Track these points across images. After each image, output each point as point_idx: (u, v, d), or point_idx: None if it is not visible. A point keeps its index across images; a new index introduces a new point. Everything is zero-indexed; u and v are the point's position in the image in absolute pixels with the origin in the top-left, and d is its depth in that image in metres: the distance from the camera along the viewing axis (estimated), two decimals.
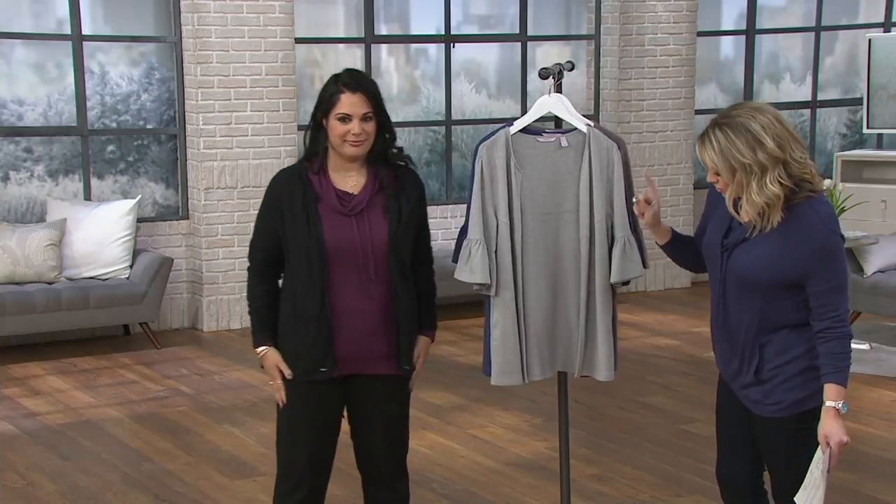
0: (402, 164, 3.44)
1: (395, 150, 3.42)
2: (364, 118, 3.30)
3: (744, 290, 3.14)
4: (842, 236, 3.11)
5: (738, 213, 3.13)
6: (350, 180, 3.37)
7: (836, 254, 3.08)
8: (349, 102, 3.28)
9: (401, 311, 3.37)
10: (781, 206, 3.03)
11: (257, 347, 3.43)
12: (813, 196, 3.06)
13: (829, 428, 3.07)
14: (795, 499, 3.13)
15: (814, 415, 3.13)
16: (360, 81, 3.32)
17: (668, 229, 3.41)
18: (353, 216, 3.33)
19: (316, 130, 3.36)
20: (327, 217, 3.32)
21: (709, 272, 3.29)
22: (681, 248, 3.42)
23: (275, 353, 3.40)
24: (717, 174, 3.07)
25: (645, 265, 3.59)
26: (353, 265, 3.32)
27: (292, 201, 3.33)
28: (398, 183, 3.39)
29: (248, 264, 3.49)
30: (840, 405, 3.07)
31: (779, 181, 2.99)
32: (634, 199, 3.38)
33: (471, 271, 3.58)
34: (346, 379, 3.41)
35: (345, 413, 3.49)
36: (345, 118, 3.28)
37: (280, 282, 3.46)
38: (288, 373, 3.38)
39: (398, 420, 3.48)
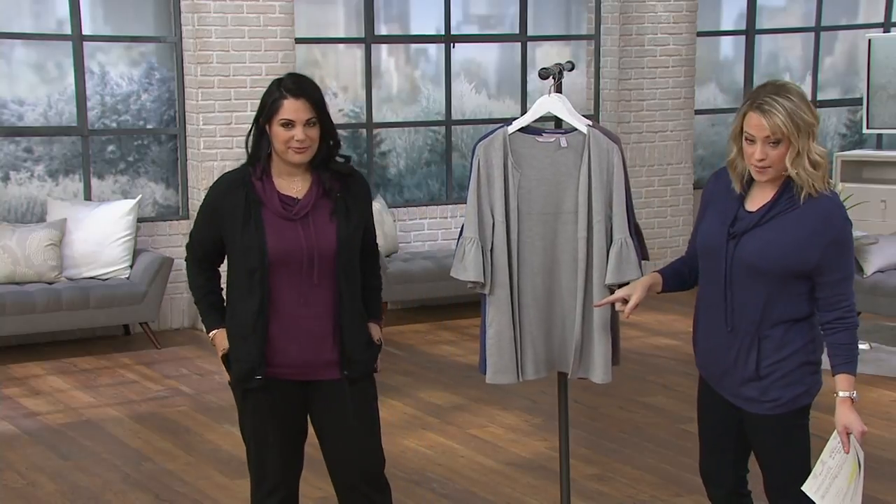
0: (346, 172, 3.37)
1: (340, 159, 3.36)
2: (308, 124, 3.24)
3: (750, 279, 3.12)
4: (852, 227, 3.15)
5: (745, 191, 3.17)
6: (294, 185, 3.32)
7: (850, 244, 3.12)
8: (292, 108, 3.22)
9: (345, 317, 3.33)
10: (821, 180, 3.07)
11: (209, 331, 3.41)
12: (828, 189, 3.11)
13: (848, 418, 3.07)
14: (804, 487, 3.12)
15: (808, 411, 3.14)
16: (302, 87, 3.26)
17: (657, 280, 3.39)
18: (297, 221, 3.28)
19: (259, 135, 3.31)
20: (270, 222, 3.27)
21: (705, 267, 3.26)
22: (677, 281, 3.42)
23: (222, 334, 3.37)
24: (777, 141, 3.03)
25: (642, 271, 3.57)
26: (296, 271, 3.27)
27: (234, 206, 3.29)
28: (344, 186, 3.35)
29: (185, 255, 3.48)
30: (853, 394, 3.08)
31: (820, 146, 3.09)
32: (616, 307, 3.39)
33: (464, 269, 3.58)
34: (303, 385, 3.37)
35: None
36: (288, 124, 3.23)
37: (220, 270, 3.47)
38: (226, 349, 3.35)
39: (360, 426, 3.39)
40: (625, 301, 3.35)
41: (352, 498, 3.46)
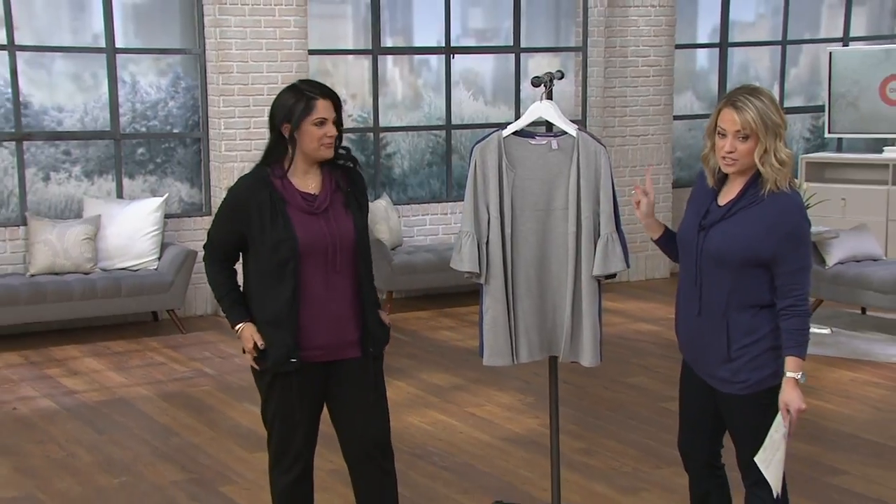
0: (351, 164, 3.38)
1: (342, 151, 3.36)
2: (334, 122, 3.26)
3: (717, 268, 3.12)
4: (809, 224, 3.12)
5: (718, 187, 3.16)
6: (309, 182, 3.31)
7: (805, 239, 3.10)
8: (324, 107, 3.24)
9: (365, 299, 3.34)
10: (785, 178, 3.06)
11: (235, 325, 3.35)
12: (790, 188, 3.09)
13: (789, 396, 3.07)
14: (755, 459, 3.14)
15: (776, 392, 3.12)
16: (325, 89, 3.28)
17: (661, 224, 3.38)
18: (318, 214, 3.28)
19: (278, 139, 3.29)
20: (296, 217, 3.26)
21: (682, 257, 3.26)
22: (672, 242, 3.39)
23: (251, 327, 3.32)
24: (746, 136, 3.04)
25: (627, 264, 3.55)
26: (321, 260, 3.26)
27: (259, 205, 3.25)
28: (349, 181, 3.36)
29: (203, 256, 3.43)
30: (799, 376, 3.07)
31: (786, 146, 3.08)
32: (634, 191, 3.33)
33: (461, 261, 3.56)
34: (324, 366, 3.35)
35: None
36: (322, 122, 3.23)
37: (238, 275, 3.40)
38: (261, 343, 3.29)
39: (375, 399, 3.40)
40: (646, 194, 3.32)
41: (366, 466, 3.45)
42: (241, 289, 3.39)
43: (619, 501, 4.43)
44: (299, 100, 3.23)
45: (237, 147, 7.79)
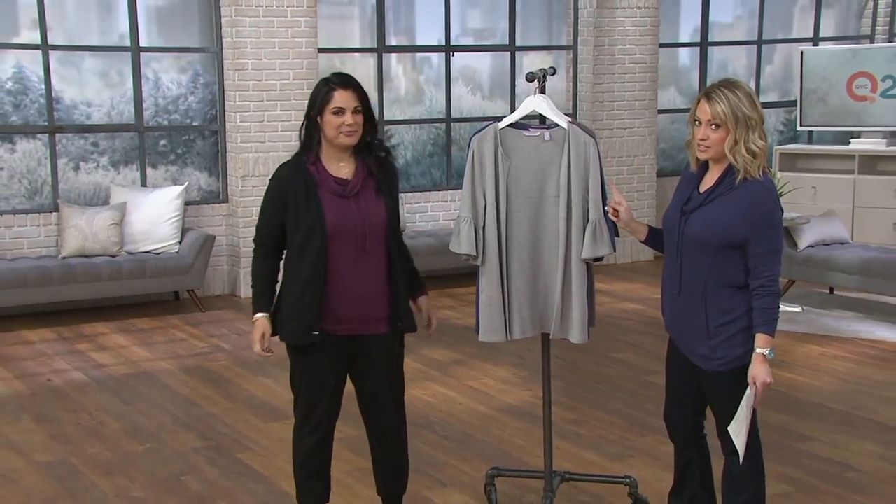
0: (383, 154, 3.34)
1: (377, 141, 3.33)
2: (355, 111, 3.22)
3: (697, 250, 3.10)
4: (781, 210, 3.09)
5: (700, 174, 3.16)
6: (343, 168, 3.28)
7: (776, 223, 3.06)
8: (342, 98, 3.20)
9: (396, 279, 3.31)
10: (757, 168, 3.03)
11: (255, 314, 3.33)
12: (763, 175, 3.07)
13: (757, 370, 3.05)
14: (728, 428, 3.14)
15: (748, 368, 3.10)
16: (348, 80, 3.25)
17: (645, 225, 3.37)
18: (350, 198, 3.24)
19: (310, 127, 3.26)
20: (328, 200, 3.23)
21: (666, 241, 3.23)
22: (658, 239, 3.35)
23: (266, 321, 3.31)
24: (717, 126, 3.02)
25: (613, 248, 3.50)
26: (350, 241, 3.23)
27: (296, 189, 3.23)
28: (383, 169, 3.32)
29: (254, 246, 3.37)
30: (767, 352, 3.05)
31: (761, 139, 3.04)
32: (606, 207, 3.32)
33: (459, 243, 3.52)
34: (350, 339, 3.32)
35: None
36: (339, 111, 3.20)
37: (282, 262, 3.36)
38: (268, 340, 3.30)
39: (396, 373, 3.40)
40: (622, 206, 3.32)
41: (389, 435, 3.45)
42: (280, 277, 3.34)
43: (607, 467, 4.40)
44: (321, 90, 3.23)
45: (252, 139, 7.75)
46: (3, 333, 6.80)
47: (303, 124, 3.28)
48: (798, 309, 7.18)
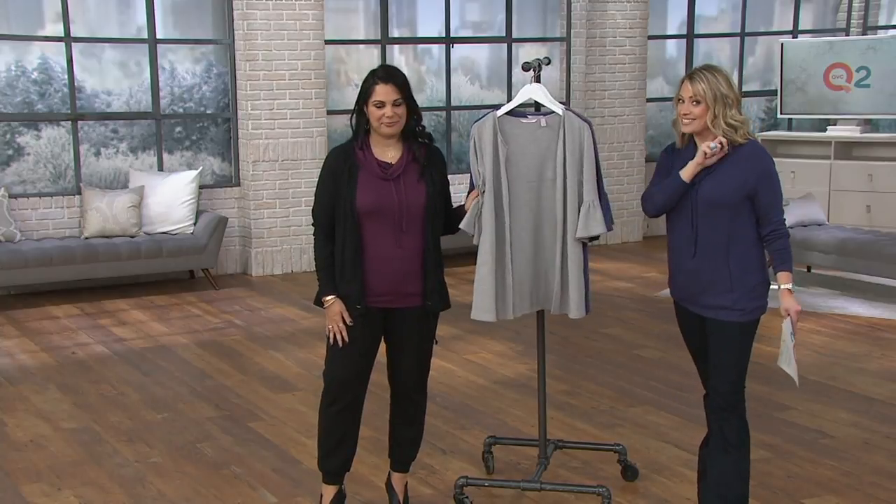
0: (427, 141, 3.34)
1: (420, 129, 3.33)
2: (395, 104, 3.22)
3: (714, 210, 3.16)
4: (773, 162, 3.22)
5: (686, 149, 3.23)
6: (389, 153, 3.29)
7: (775, 174, 3.18)
8: (383, 91, 3.21)
9: (429, 259, 3.32)
10: (741, 136, 3.13)
11: (326, 296, 3.30)
12: (750, 139, 3.19)
13: (789, 302, 3.14)
14: (778, 363, 3.21)
15: (758, 325, 3.20)
16: (390, 74, 3.25)
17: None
18: (391, 181, 3.25)
19: (359, 116, 3.29)
20: (369, 181, 3.24)
21: (675, 211, 3.24)
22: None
23: (339, 303, 3.29)
24: (698, 102, 3.13)
25: (609, 227, 3.47)
26: (388, 220, 3.24)
27: (342, 171, 3.26)
28: (428, 156, 3.32)
29: (314, 231, 3.36)
30: (790, 286, 3.16)
31: (739, 114, 3.16)
32: (713, 144, 3.19)
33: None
34: (385, 312, 3.33)
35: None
36: (380, 104, 3.21)
37: None
38: (349, 321, 3.28)
39: (425, 345, 3.41)
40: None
41: (411, 399, 3.47)
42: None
43: (598, 436, 4.39)
44: (367, 82, 3.25)
45: (262, 126, 7.71)
46: (31, 309, 6.79)
47: (353, 112, 3.31)
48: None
